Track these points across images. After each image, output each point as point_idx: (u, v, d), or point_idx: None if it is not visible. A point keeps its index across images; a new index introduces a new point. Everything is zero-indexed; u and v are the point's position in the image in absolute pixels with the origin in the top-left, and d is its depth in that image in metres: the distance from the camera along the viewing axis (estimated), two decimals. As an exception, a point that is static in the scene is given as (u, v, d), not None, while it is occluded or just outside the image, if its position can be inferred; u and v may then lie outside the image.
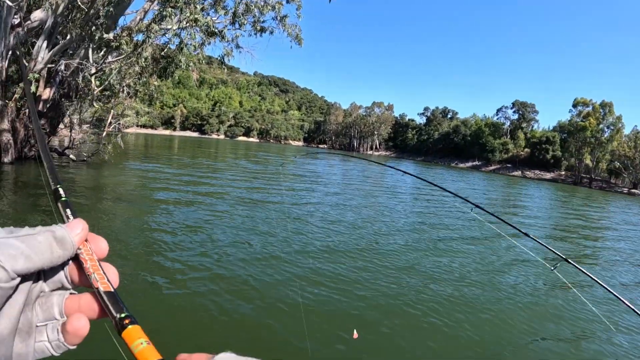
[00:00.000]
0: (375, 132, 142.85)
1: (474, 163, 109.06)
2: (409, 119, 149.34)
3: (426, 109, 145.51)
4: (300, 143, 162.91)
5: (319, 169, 36.34)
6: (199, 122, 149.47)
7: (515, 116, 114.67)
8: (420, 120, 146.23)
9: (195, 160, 34.68)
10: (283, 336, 5.45)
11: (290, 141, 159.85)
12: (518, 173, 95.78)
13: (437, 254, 10.18)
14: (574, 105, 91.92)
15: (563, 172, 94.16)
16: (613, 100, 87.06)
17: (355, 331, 4.45)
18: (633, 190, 78.40)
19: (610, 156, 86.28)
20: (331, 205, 16.73)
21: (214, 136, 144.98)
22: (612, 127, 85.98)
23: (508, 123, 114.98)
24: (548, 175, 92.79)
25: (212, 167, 29.51)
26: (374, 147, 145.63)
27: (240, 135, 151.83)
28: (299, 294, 6.35)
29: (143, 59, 18.90)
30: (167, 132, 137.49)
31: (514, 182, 61.98)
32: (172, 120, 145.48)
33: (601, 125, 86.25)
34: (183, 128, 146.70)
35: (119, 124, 24.22)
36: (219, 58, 21.49)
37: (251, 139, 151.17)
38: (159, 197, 14.50)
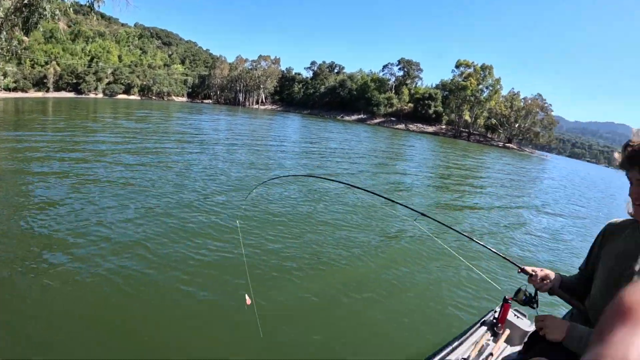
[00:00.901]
0: (262, 86, 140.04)
1: (360, 116, 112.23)
2: (295, 73, 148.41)
3: (313, 63, 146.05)
4: (184, 99, 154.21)
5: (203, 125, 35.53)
6: (75, 81, 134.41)
7: (401, 73, 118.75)
8: (307, 75, 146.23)
9: (71, 122, 32.03)
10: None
11: (174, 97, 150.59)
12: (402, 126, 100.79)
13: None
14: (457, 66, 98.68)
15: (444, 126, 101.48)
16: (494, 64, 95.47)
17: (247, 296, 4.03)
18: (507, 145, 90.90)
19: (488, 113, 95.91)
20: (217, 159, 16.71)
21: (92, 95, 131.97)
22: (490, 88, 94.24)
23: (393, 79, 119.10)
24: (430, 129, 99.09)
25: (89, 128, 27.54)
26: (259, 101, 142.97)
27: (120, 93, 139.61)
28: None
29: (2, 9, 16.96)
30: (40, 94, 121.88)
31: (397, 135, 65.73)
32: (45, 80, 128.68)
33: (481, 86, 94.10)
34: (57, 88, 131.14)
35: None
36: (87, 4, 19.47)
37: (132, 97, 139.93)
38: (30, 169, 13.35)
